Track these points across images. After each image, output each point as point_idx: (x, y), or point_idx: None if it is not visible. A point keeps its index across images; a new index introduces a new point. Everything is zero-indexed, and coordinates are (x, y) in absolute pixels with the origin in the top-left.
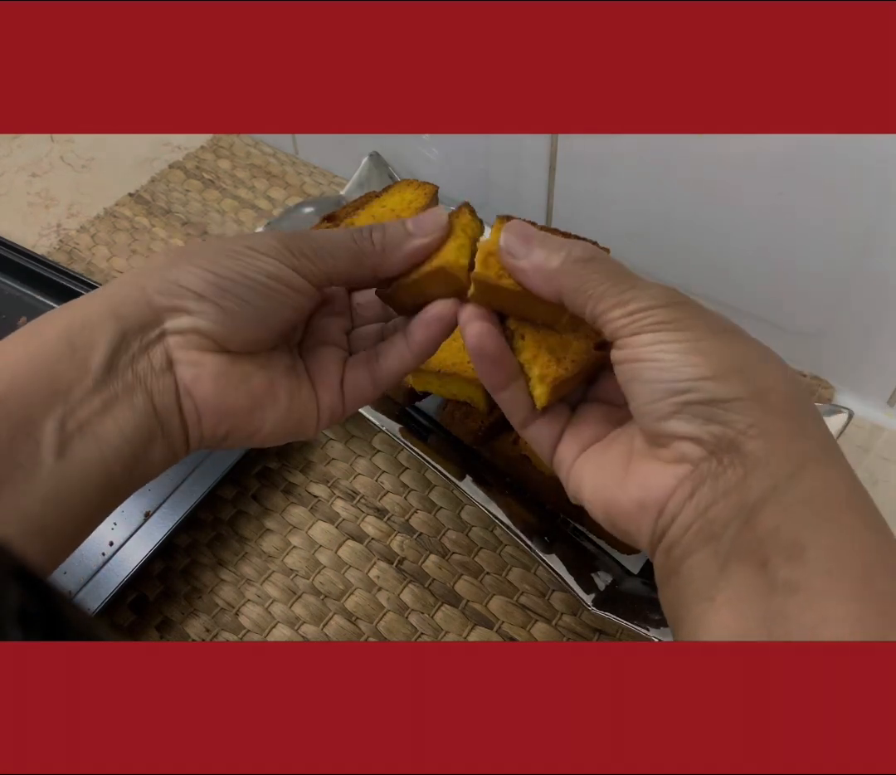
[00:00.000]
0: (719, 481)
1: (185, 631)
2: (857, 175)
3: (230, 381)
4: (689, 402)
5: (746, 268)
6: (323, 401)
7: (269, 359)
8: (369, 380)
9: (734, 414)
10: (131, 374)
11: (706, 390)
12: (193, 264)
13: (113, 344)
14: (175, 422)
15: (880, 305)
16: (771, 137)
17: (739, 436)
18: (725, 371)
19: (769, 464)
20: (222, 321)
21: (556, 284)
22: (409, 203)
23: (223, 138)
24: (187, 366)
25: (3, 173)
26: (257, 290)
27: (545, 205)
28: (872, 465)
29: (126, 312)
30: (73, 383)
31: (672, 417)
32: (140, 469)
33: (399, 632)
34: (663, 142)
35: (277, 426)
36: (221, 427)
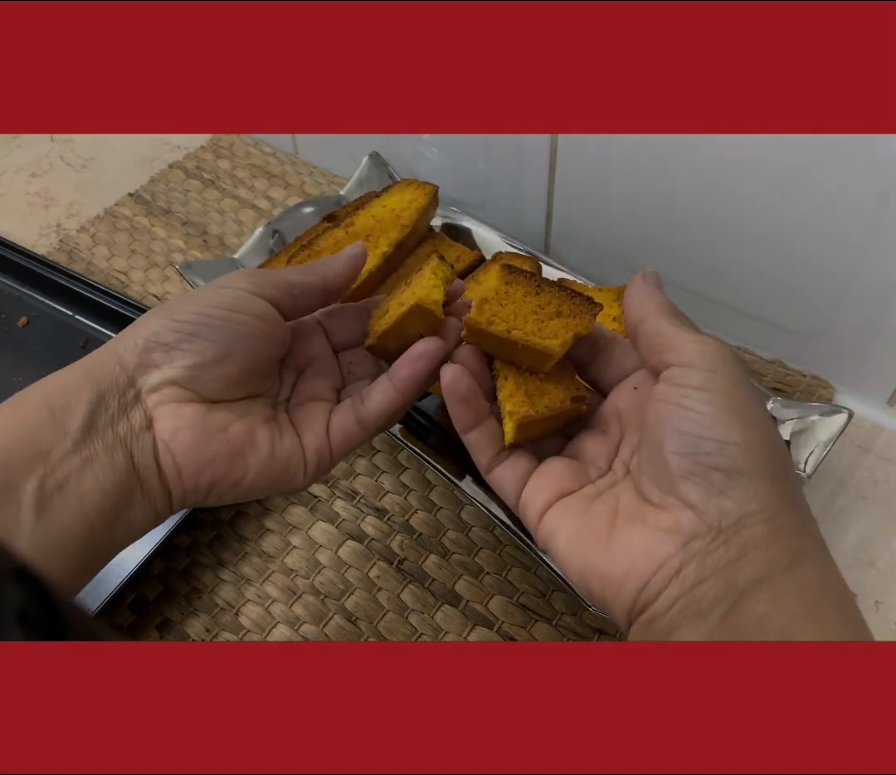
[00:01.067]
0: (708, 559)
1: (185, 631)
2: (857, 175)
3: (208, 430)
4: (711, 467)
5: (746, 268)
6: (308, 447)
7: (249, 408)
8: (355, 422)
9: (749, 491)
10: (111, 434)
11: (731, 457)
12: (157, 317)
13: (91, 406)
14: (155, 480)
15: (880, 305)
16: (771, 137)
17: (746, 518)
18: (754, 441)
19: (768, 552)
20: (191, 365)
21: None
22: (409, 203)
23: (223, 138)
24: (165, 420)
25: (3, 173)
26: (220, 326)
27: (545, 205)
28: (872, 465)
29: (101, 375)
30: (53, 445)
31: (689, 479)
32: (122, 527)
33: (399, 632)
34: (663, 142)
35: (261, 473)
36: (203, 478)
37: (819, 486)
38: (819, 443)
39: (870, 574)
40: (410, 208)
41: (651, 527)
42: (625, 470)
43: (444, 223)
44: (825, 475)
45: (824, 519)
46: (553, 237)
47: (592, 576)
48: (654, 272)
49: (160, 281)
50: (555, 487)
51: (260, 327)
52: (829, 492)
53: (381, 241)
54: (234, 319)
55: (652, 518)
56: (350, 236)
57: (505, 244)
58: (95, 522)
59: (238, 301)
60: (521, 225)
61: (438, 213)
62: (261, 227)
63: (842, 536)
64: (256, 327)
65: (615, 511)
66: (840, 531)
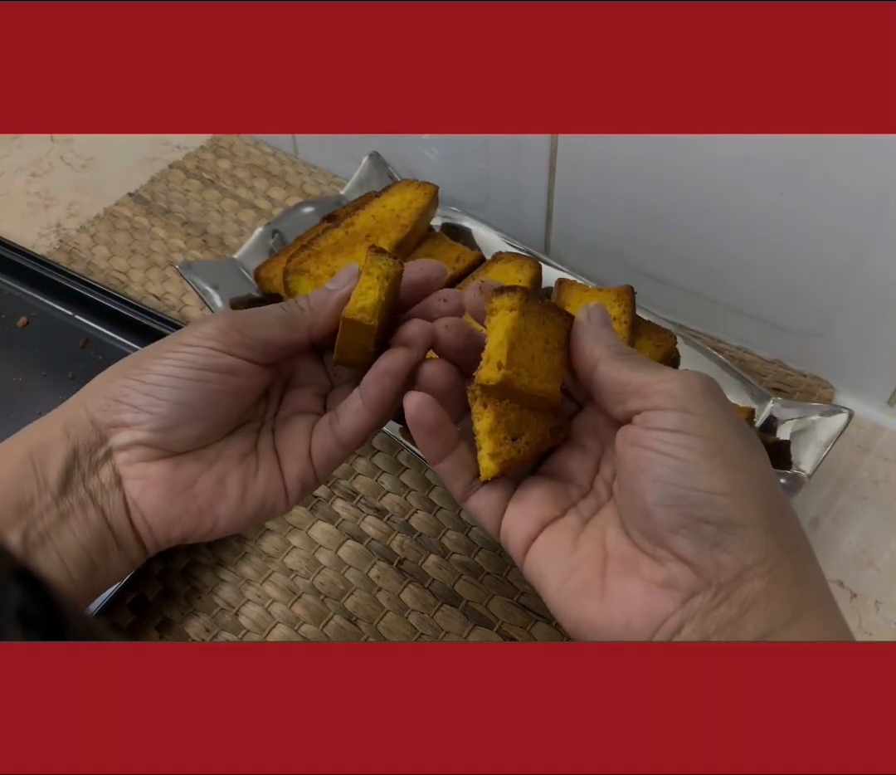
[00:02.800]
0: (709, 617)
1: (185, 631)
2: (857, 175)
3: (174, 489)
4: (701, 520)
5: (746, 268)
6: (290, 475)
7: (221, 451)
8: (334, 442)
9: (745, 543)
10: (84, 490)
11: (722, 508)
12: (127, 376)
13: (66, 461)
14: (129, 534)
15: (880, 305)
16: (771, 137)
17: (745, 572)
18: (743, 488)
19: (769, 608)
20: (159, 427)
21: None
22: (409, 203)
23: (223, 138)
24: (133, 480)
25: (3, 173)
26: (188, 388)
27: (545, 205)
28: (872, 465)
29: (75, 432)
30: (35, 498)
31: (679, 532)
32: (100, 577)
33: (399, 632)
34: (663, 142)
35: (232, 520)
36: (173, 532)
37: (819, 486)
38: (819, 443)
39: (870, 574)
40: (410, 208)
41: (646, 581)
42: (607, 491)
43: (444, 223)
44: (825, 475)
45: (824, 519)
46: (553, 237)
47: (588, 630)
48: (600, 305)
49: (160, 281)
50: (536, 515)
51: (232, 382)
52: (829, 492)
53: (381, 241)
54: (204, 378)
55: (646, 569)
56: (350, 236)
57: (505, 244)
58: (75, 575)
59: (208, 359)
60: (521, 225)
61: (438, 213)
62: (261, 227)
63: (842, 536)
64: (228, 383)
65: (604, 551)
66: (840, 531)
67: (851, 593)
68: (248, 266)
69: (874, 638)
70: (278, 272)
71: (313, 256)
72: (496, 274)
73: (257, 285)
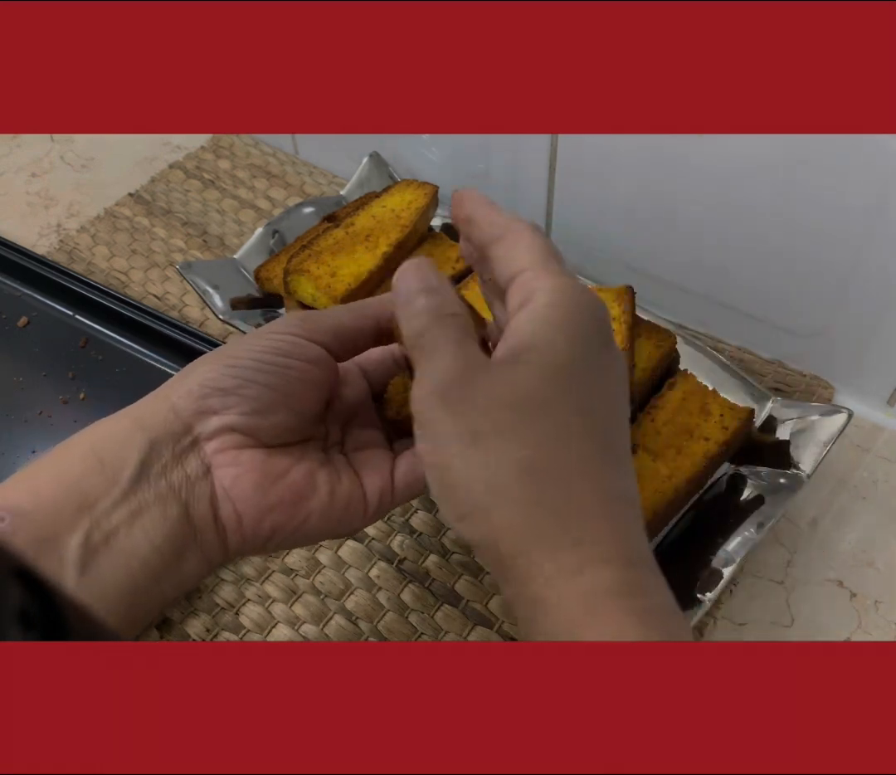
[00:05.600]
0: None
1: (185, 631)
2: (857, 175)
3: (269, 475)
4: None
5: (746, 268)
6: (370, 486)
7: (305, 451)
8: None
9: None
10: (164, 484)
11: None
12: (211, 362)
13: (142, 454)
14: (211, 531)
15: (880, 305)
16: (771, 137)
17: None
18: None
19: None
20: (250, 411)
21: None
22: (409, 203)
23: (223, 138)
24: (226, 468)
25: (3, 173)
26: (276, 373)
27: (545, 205)
28: (872, 465)
29: (153, 423)
30: (101, 496)
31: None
32: (171, 582)
33: (399, 632)
34: (663, 142)
35: (322, 516)
36: (264, 525)
37: (819, 486)
38: (819, 442)
39: (870, 574)
40: (410, 208)
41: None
42: None
43: (444, 223)
44: (825, 475)
45: (824, 519)
46: (553, 237)
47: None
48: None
49: (160, 281)
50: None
51: (314, 372)
52: (829, 491)
53: (381, 241)
54: (290, 365)
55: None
56: (350, 236)
57: None
58: (142, 579)
59: (293, 347)
60: None
61: (438, 213)
62: (261, 227)
63: (841, 536)
64: (311, 372)
65: None
66: (840, 531)
67: (851, 593)
68: (248, 266)
69: (874, 639)
70: (278, 272)
71: (313, 256)
72: None
73: (257, 285)
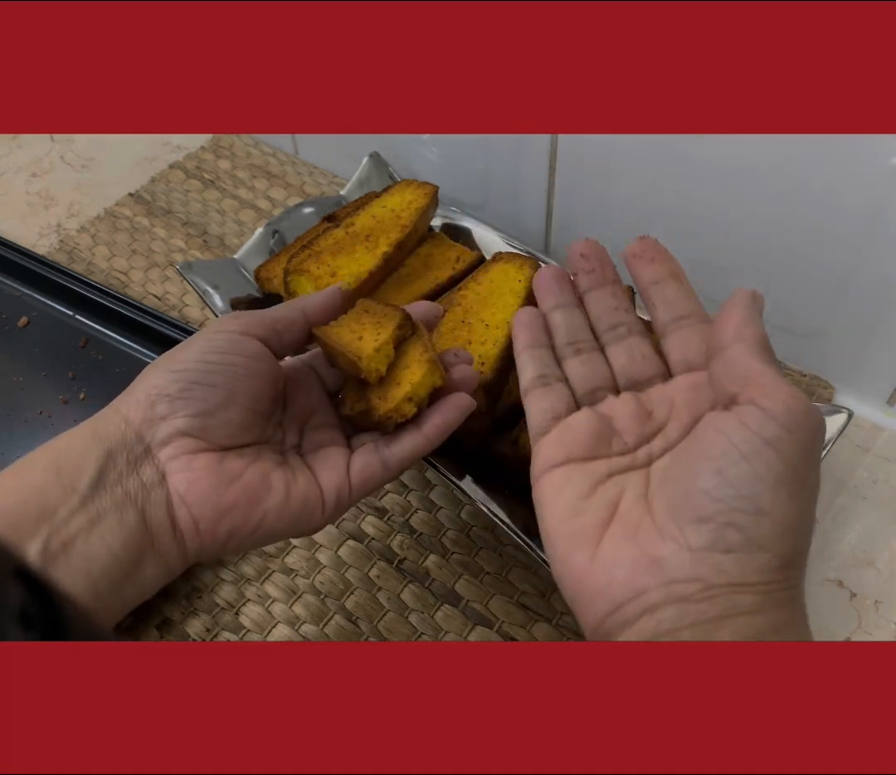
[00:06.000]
0: (688, 608)
1: (185, 631)
2: (856, 175)
3: (223, 478)
4: (734, 524)
5: (747, 268)
6: (326, 484)
7: (260, 453)
8: (379, 463)
9: (757, 564)
10: (121, 491)
11: (762, 529)
12: (157, 370)
13: (99, 464)
14: (168, 537)
15: (880, 305)
16: (771, 137)
17: (742, 586)
18: (791, 526)
19: (752, 621)
20: (197, 412)
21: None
22: (409, 203)
23: (223, 138)
24: (180, 474)
25: (3, 173)
26: (219, 371)
27: (545, 205)
28: (872, 465)
29: (107, 433)
30: (60, 504)
31: (705, 524)
32: (130, 588)
33: (399, 632)
34: (663, 142)
35: (279, 516)
36: (221, 527)
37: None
38: None
39: (870, 574)
40: (410, 208)
41: (640, 550)
42: (647, 460)
43: (443, 223)
44: (825, 475)
45: (824, 519)
46: (553, 237)
47: (569, 577)
48: (761, 295)
49: (160, 281)
50: (568, 447)
51: (256, 366)
52: (829, 491)
53: (381, 241)
54: (232, 362)
55: (646, 539)
56: (350, 236)
57: (505, 244)
58: (102, 585)
59: (231, 343)
60: (521, 225)
61: (438, 213)
62: (261, 227)
63: (842, 536)
64: (253, 367)
65: (615, 508)
66: (840, 531)
67: (851, 593)
68: (248, 266)
69: (874, 639)
70: (278, 272)
71: (313, 256)
72: (496, 274)
73: (257, 285)
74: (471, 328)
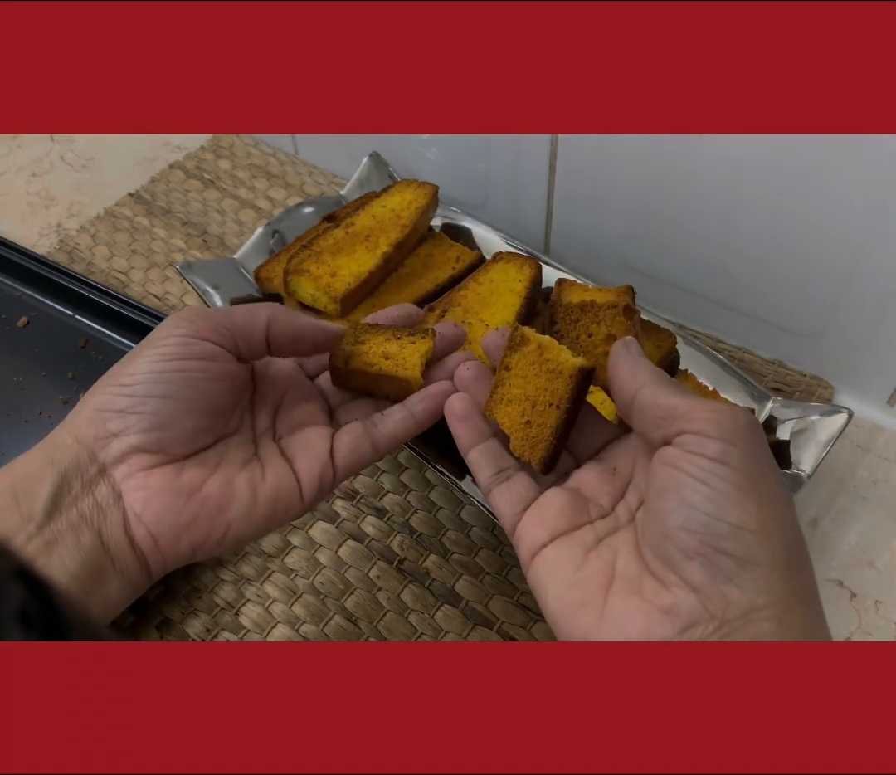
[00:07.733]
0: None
1: (185, 631)
2: (856, 175)
3: (180, 493)
4: (721, 551)
5: (746, 268)
6: (304, 471)
7: (223, 454)
8: (368, 443)
9: (759, 583)
10: (76, 513)
11: (745, 544)
12: (106, 385)
13: (53, 488)
14: (128, 555)
15: (880, 305)
16: (771, 137)
17: (754, 613)
18: (770, 529)
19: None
20: (150, 426)
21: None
22: (409, 203)
23: (223, 138)
24: (135, 492)
25: (3, 173)
26: (171, 380)
27: (545, 205)
28: (872, 465)
29: (59, 456)
30: (17, 531)
31: (694, 559)
32: (94, 608)
33: (399, 632)
34: (663, 142)
35: (247, 522)
36: (182, 543)
37: (819, 486)
38: (819, 443)
39: (870, 574)
40: (410, 208)
41: (649, 603)
42: (628, 516)
43: (444, 223)
44: (825, 475)
45: (824, 519)
46: (553, 237)
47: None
48: (633, 339)
49: (160, 281)
50: (550, 525)
51: (210, 368)
52: (829, 491)
53: (381, 241)
54: (183, 368)
55: (651, 592)
56: (350, 236)
57: (505, 244)
58: None
59: (182, 348)
60: (521, 225)
61: (438, 213)
62: (261, 227)
63: (842, 536)
64: (206, 369)
65: (612, 570)
66: (840, 531)
67: (851, 593)
68: (248, 266)
69: (874, 639)
70: (278, 272)
71: (313, 256)
72: (496, 274)
73: (257, 285)
74: (471, 328)
